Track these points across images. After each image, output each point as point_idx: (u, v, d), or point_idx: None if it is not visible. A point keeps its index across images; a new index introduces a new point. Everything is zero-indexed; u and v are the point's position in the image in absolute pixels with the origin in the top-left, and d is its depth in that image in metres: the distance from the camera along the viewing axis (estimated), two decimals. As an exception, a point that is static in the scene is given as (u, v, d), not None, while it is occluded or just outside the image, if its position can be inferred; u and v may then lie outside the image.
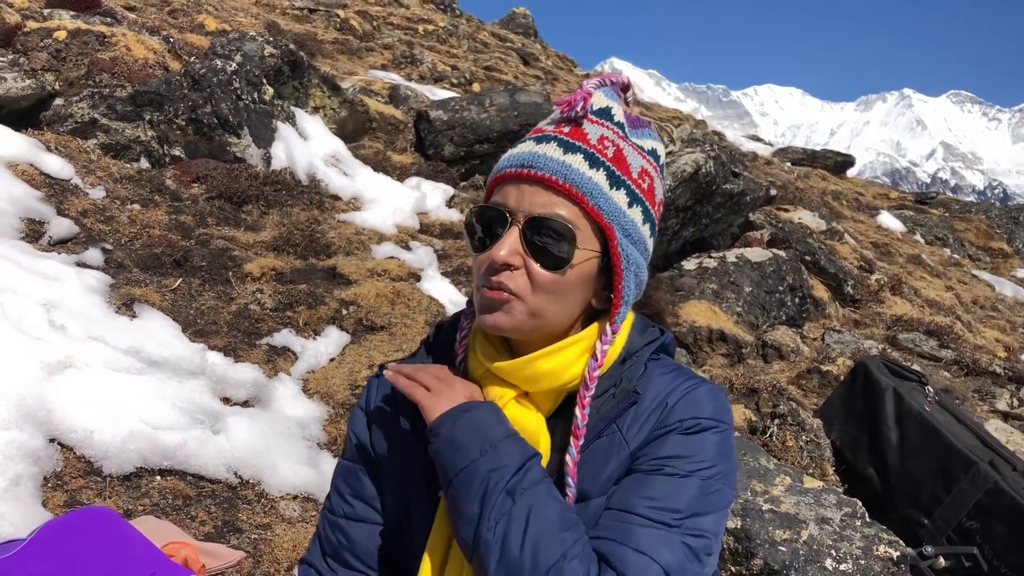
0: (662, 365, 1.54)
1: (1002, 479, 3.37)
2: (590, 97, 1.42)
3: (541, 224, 1.37)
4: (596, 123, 1.42)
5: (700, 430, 1.43)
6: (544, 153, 1.38)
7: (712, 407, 1.47)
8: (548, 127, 1.44)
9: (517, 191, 1.39)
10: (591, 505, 1.42)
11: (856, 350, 5.59)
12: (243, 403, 3.50)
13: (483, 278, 1.41)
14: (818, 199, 11.77)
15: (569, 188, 1.37)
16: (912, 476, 3.67)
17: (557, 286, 1.39)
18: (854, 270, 7.21)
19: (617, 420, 1.46)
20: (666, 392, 1.47)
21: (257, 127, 5.48)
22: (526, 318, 1.40)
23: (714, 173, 5.33)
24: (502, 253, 1.36)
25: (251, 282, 4.41)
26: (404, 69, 10.85)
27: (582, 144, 1.40)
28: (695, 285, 5.49)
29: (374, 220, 5.47)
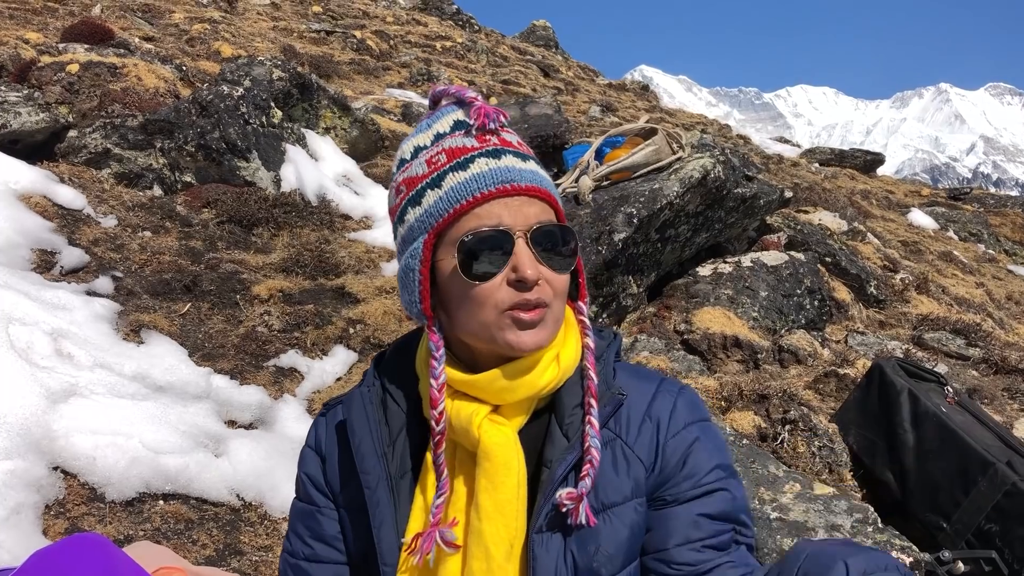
0: (626, 367, 1.59)
1: (1021, 480, 3.29)
2: (485, 105, 1.44)
3: (544, 232, 1.39)
4: (507, 131, 1.47)
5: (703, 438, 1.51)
6: (513, 166, 1.40)
7: (694, 411, 1.53)
8: (470, 142, 1.41)
9: (505, 208, 1.38)
10: (619, 511, 1.45)
11: (880, 351, 5.50)
12: (247, 425, 3.53)
13: (507, 303, 1.38)
14: (845, 199, 11.63)
15: (547, 193, 1.42)
16: (930, 479, 3.59)
17: (566, 286, 1.45)
18: (877, 270, 7.10)
19: (608, 423, 1.48)
20: (648, 398, 1.52)
21: (266, 150, 5.55)
22: (554, 326, 1.43)
23: (724, 177, 5.29)
24: (529, 272, 1.36)
25: (259, 304, 4.45)
26: (421, 86, 10.93)
27: (521, 150, 1.44)
28: (710, 291, 5.44)
29: (385, 238, 5.49)
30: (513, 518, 1.40)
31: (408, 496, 1.49)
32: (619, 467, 1.46)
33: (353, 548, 1.57)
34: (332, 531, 1.58)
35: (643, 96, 19.23)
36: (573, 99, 14.49)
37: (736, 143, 15.47)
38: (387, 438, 1.52)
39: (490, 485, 1.40)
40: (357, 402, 1.56)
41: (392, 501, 1.48)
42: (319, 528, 1.59)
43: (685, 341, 4.91)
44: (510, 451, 1.41)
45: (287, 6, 14.37)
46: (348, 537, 1.57)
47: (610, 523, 1.43)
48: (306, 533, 1.60)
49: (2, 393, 3.02)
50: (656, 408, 1.50)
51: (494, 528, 1.39)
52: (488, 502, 1.39)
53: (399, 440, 1.53)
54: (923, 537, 3.46)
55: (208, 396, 3.57)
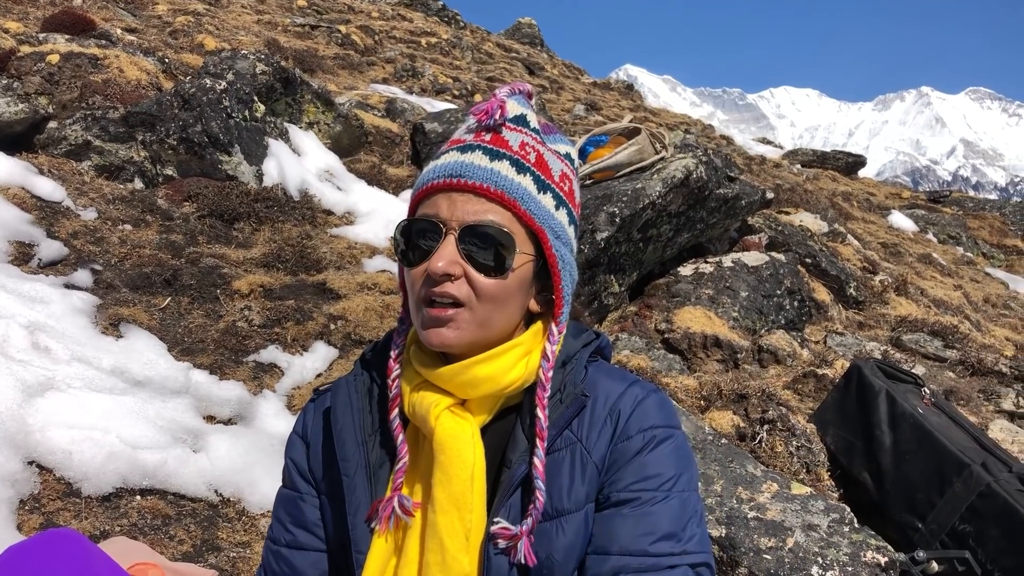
0: (601, 368, 1.57)
1: (995, 481, 3.32)
2: (505, 105, 1.44)
3: (477, 231, 1.38)
4: (515, 130, 1.45)
5: (657, 443, 1.45)
6: (471, 162, 1.40)
7: (662, 415, 1.49)
8: (467, 136, 1.45)
9: (448, 201, 1.40)
10: (571, 520, 1.42)
11: (858, 352, 5.54)
12: (227, 421, 3.51)
13: (422, 294, 1.41)
14: (826, 201, 11.70)
15: (500, 194, 1.39)
16: (906, 480, 3.62)
17: (501, 292, 1.41)
18: (857, 271, 7.15)
19: (570, 425, 1.47)
20: (615, 397, 1.49)
21: (248, 144, 5.51)
22: (475, 329, 1.41)
23: (706, 178, 5.31)
24: (440, 264, 1.36)
25: (240, 299, 4.42)
26: (405, 82, 10.90)
27: (506, 151, 1.42)
28: (691, 291, 5.46)
29: (367, 234, 5.48)
30: (468, 511, 1.40)
31: (386, 485, 1.49)
32: (576, 473, 1.44)
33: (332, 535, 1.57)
34: (313, 518, 1.59)
35: (627, 95, 19.26)
36: (558, 97, 14.50)
37: (719, 144, 15.53)
38: (369, 427, 1.53)
39: (444, 477, 1.40)
40: (343, 390, 1.58)
41: (369, 489, 1.48)
42: (300, 515, 1.59)
43: (666, 340, 4.92)
44: (464, 444, 1.41)
45: (272, 0, 14.29)
46: (327, 524, 1.58)
47: (562, 531, 1.42)
48: (288, 520, 1.61)
49: (-23, 386, 2.98)
50: (619, 406, 1.48)
51: (448, 520, 1.40)
52: (442, 494, 1.40)
53: (383, 428, 1.53)
54: (899, 537, 3.49)
55: (187, 391, 3.54)
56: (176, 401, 3.43)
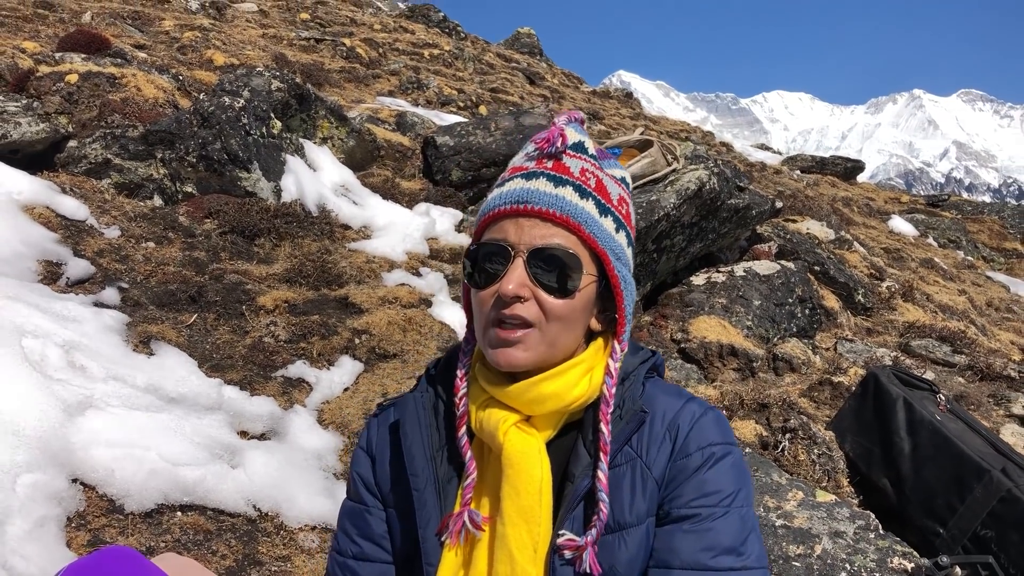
0: (658, 385, 1.62)
1: (1015, 486, 3.38)
2: (565, 133, 1.52)
3: (544, 254, 1.44)
4: (575, 157, 1.52)
5: (716, 460, 1.51)
6: (537, 188, 1.47)
7: (719, 432, 1.54)
8: (529, 164, 1.52)
9: (515, 226, 1.46)
10: (633, 533, 1.48)
11: (868, 359, 5.60)
12: (260, 436, 3.56)
13: (491, 316, 1.47)
14: (828, 207, 11.77)
15: (566, 219, 1.46)
16: (926, 486, 3.68)
17: (568, 312, 1.47)
18: (864, 278, 7.22)
19: (630, 441, 1.52)
20: (673, 414, 1.54)
21: (266, 161, 5.57)
22: (544, 349, 1.47)
23: (718, 189, 5.38)
24: (511, 286, 1.43)
25: (264, 315, 4.48)
26: (411, 95, 10.97)
27: (569, 177, 1.49)
28: (704, 300, 5.53)
29: (384, 248, 5.53)
30: (536, 524, 1.45)
31: (454, 500, 1.55)
32: (636, 488, 1.49)
33: (399, 547, 1.62)
34: (380, 530, 1.64)
35: (627, 103, 19.35)
36: (560, 106, 14.57)
37: (719, 151, 15.61)
38: (437, 443, 1.59)
39: (513, 491, 1.46)
40: (410, 406, 1.63)
41: (439, 503, 1.54)
42: (367, 527, 1.65)
43: (682, 350, 4.98)
44: (532, 459, 1.47)
45: (275, 13, 14.36)
46: (395, 537, 1.63)
47: (624, 544, 1.47)
48: (354, 531, 1.66)
49: (20, 405, 3.03)
50: (677, 423, 1.53)
51: (517, 533, 1.45)
52: (511, 508, 1.46)
53: (448, 445, 1.59)
54: (919, 543, 3.54)
55: (220, 407, 3.59)
56: (210, 417, 3.48)
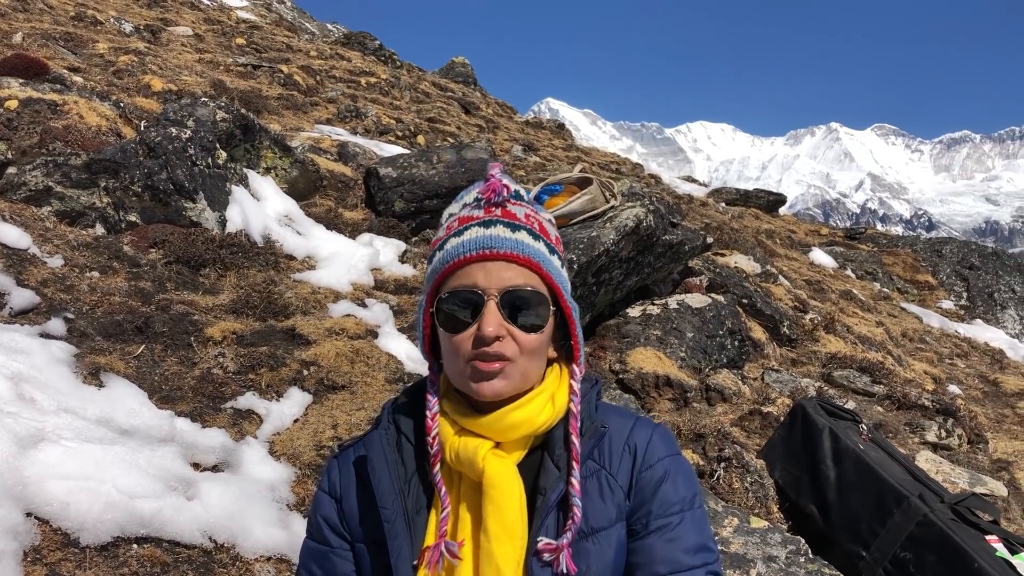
0: (606, 407, 1.81)
1: (931, 511, 3.62)
2: (508, 184, 1.69)
3: (516, 295, 1.60)
4: (517, 204, 1.69)
5: (674, 472, 1.71)
6: (497, 234, 1.61)
7: (670, 445, 1.75)
8: (477, 212, 1.66)
9: (483, 271, 1.60)
10: (604, 536, 1.64)
11: (794, 389, 5.87)
12: (213, 468, 3.59)
13: (471, 354, 1.60)
14: (752, 239, 12.18)
15: (528, 260, 1.62)
16: (851, 511, 3.90)
17: (538, 345, 1.63)
18: (789, 310, 7.54)
19: (592, 454, 1.69)
20: (627, 432, 1.73)
21: (212, 191, 5.60)
22: (519, 378, 1.61)
23: (654, 226, 5.60)
24: (491, 329, 1.56)
25: (212, 346, 4.50)
26: (349, 123, 11.03)
27: (520, 223, 1.65)
28: (640, 332, 5.72)
29: (329, 278, 5.60)
30: (519, 538, 1.59)
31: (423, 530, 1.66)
32: (604, 495, 1.67)
33: None
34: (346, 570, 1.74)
35: (559, 134, 19.71)
36: (495, 136, 14.79)
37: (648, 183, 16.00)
38: (403, 477, 1.70)
39: (496, 510, 1.59)
40: (377, 444, 1.73)
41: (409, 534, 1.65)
42: (333, 568, 1.75)
43: (620, 380, 5.16)
44: (512, 480, 1.61)
45: (210, 37, 14.27)
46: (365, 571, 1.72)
47: (598, 545, 1.63)
48: (319, 572, 1.76)
49: (-27, 440, 3.02)
50: (634, 440, 1.72)
51: (503, 549, 1.57)
52: (496, 525, 1.58)
53: (414, 477, 1.71)
54: (845, 566, 3.76)
55: (173, 439, 3.61)
56: (164, 449, 3.50)
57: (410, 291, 5.94)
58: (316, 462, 3.80)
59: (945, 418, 5.83)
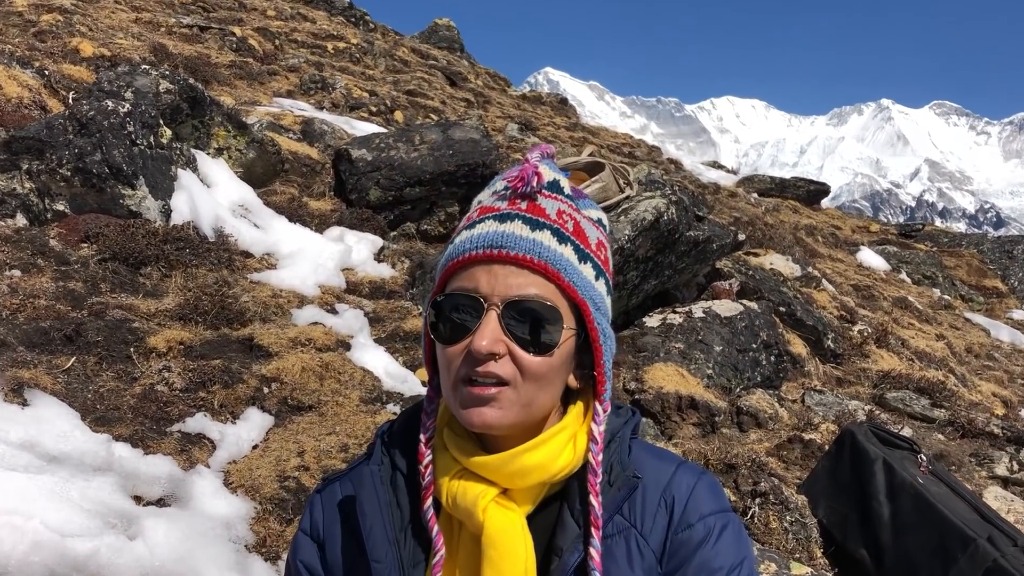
0: (643, 447, 1.74)
1: (1001, 556, 3.67)
2: (540, 171, 1.61)
3: (522, 307, 1.52)
4: (550, 197, 1.62)
5: (719, 532, 1.63)
6: (512, 232, 1.55)
7: (716, 500, 1.68)
8: (501, 204, 1.61)
9: (488, 274, 1.54)
10: None
11: (840, 413, 5.92)
12: (158, 501, 3.62)
13: (462, 373, 1.54)
14: (790, 236, 12.26)
15: (544, 266, 1.54)
16: (907, 556, 3.95)
17: (547, 371, 1.55)
18: (834, 321, 7.60)
19: (622, 509, 1.63)
20: (665, 481, 1.67)
21: (154, 175, 5.63)
22: (519, 409, 1.54)
23: (676, 220, 5.65)
24: (484, 343, 1.50)
25: (156, 358, 4.53)
26: (314, 96, 11.08)
27: (546, 220, 1.58)
28: (659, 344, 5.77)
29: (293, 280, 5.63)
30: None
31: None
32: (633, 559, 1.61)
33: None
34: None
35: (561, 111, 19.80)
36: (486, 113, 14.86)
37: (667, 169, 16.09)
38: (399, 522, 1.66)
39: (495, 574, 1.55)
40: (367, 481, 1.69)
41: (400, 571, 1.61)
42: None
43: (636, 402, 5.20)
44: (516, 538, 1.56)
45: (149, -7, 14.31)
46: None
47: None
48: None
49: None
50: (672, 492, 1.65)
51: None
52: None
53: (413, 524, 1.66)
54: (900, 619, 3.80)
55: (110, 468, 3.64)
56: (100, 480, 3.53)
57: (388, 295, 5.98)
58: (279, 496, 3.83)
59: (1017, 448, 5.89)
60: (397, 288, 6.13)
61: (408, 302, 5.75)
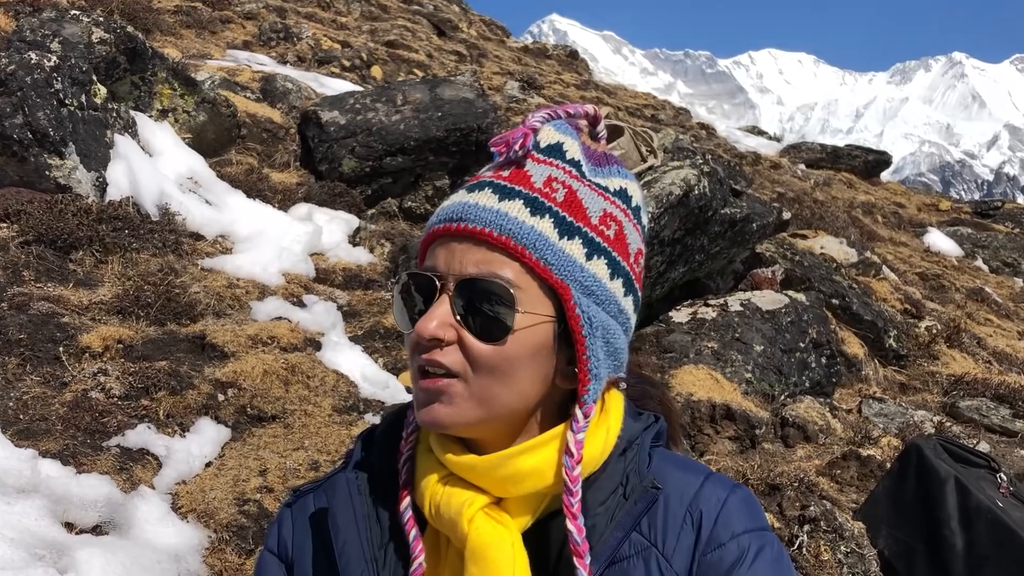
0: (666, 456, 1.73)
1: (1097, 593, 3.69)
2: (533, 133, 1.60)
3: (474, 286, 1.53)
4: (543, 163, 1.60)
5: (754, 554, 1.62)
6: (476, 202, 1.56)
7: (752, 517, 1.66)
8: (486, 172, 1.63)
9: (447, 251, 1.57)
10: None
11: (904, 425, 5.93)
12: (94, 529, 3.64)
13: (416, 365, 1.57)
14: (845, 215, 12.27)
15: (506, 240, 1.53)
16: (985, 593, 3.97)
17: (500, 361, 1.54)
18: (897, 315, 7.62)
19: (639, 525, 1.62)
20: (692, 494, 1.66)
21: (87, 142, 5.63)
22: (472, 405, 1.55)
23: (709, 195, 5.66)
24: (430, 326, 1.52)
25: (90, 360, 4.55)
26: (276, 48, 11.09)
27: (523, 188, 1.57)
28: (689, 344, 5.79)
29: (252, 267, 5.65)
30: None
31: None
32: None
33: None
34: None
35: (571, 66, 19.80)
36: (481, 68, 14.86)
37: (698, 135, 16.10)
38: (379, 538, 1.67)
39: None
40: (342, 492, 1.71)
41: None
42: None
43: (661, 411, 5.21)
44: (504, 555, 1.56)
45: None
46: None
47: None
48: None
49: None
50: (699, 506, 1.64)
51: None
52: None
53: (395, 541, 1.68)
54: (976, 667, 3.82)
55: (36, 489, 3.66)
56: (24, 503, 3.54)
57: (365, 285, 6.00)
58: (238, 522, 3.85)
59: (1115, 466, 5.91)
60: (376, 276, 6.15)
61: (389, 293, 5.76)
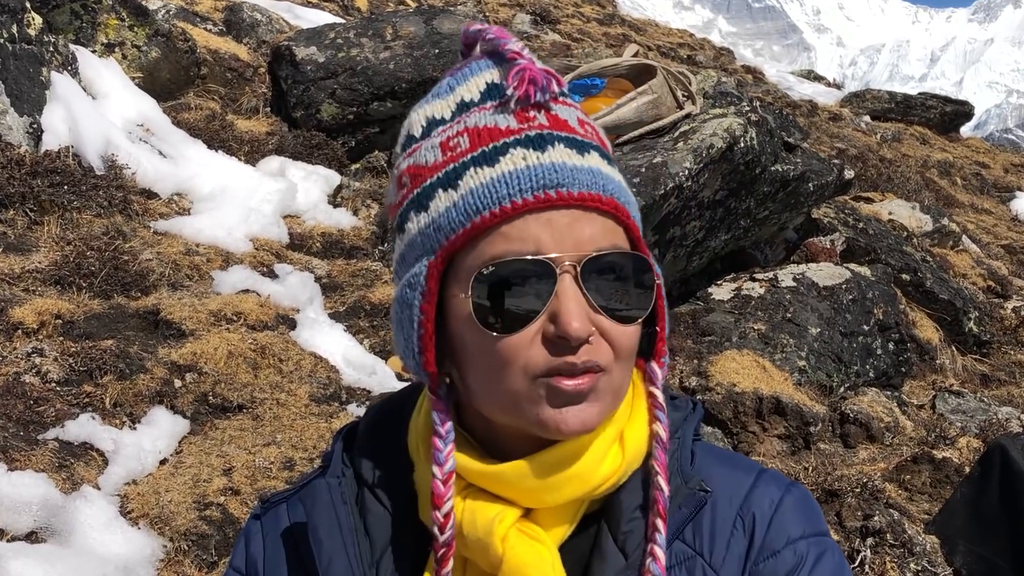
0: (709, 451, 1.73)
1: None
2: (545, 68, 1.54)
3: (606, 265, 1.50)
4: (563, 103, 1.57)
5: (814, 562, 1.63)
6: (564, 162, 1.49)
7: (810, 520, 1.68)
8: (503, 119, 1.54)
9: (546, 226, 1.49)
10: None
11: (986, 423, 5.92)
12: (27, 535, 3.66)
13: (544, 366, 1.50)
14: (917, 177, 12.22)
15: (612, 203, 1.52)
16: (1080, 618, 3.98)
17: (635, 342, 1.55)
18: (979, 294, 7.59)
19: (682, 533, 1.63)
20: (743, 495, 1.66)
21: (18, 81, 5.63)
22: (610, 399, 1.53)
23: (758, 148, 5.64)
24: (575, 325, 1.45)
25: (23, 338, 4.56)
26: (240, -28, 11.07)
27: (586, 139, 1.55)
28: (731, 325, 5.78)
29: (214, 230, 5.64)
30: None
31: None
32: None
33: None
34: None
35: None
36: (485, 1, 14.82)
37: (743, 80, 16.04)
38: (368, 554, 1.67)
39: None
40: (323, 501, 1.71)
41: None
42: None
43: (699, 404, 5.22)
44: (554, 572, 1.56)
45: None
46: None
47: None
48: None
49: None
50: (751, 508, 1.65)
51: None
52: None
53: (385, 557, 1.68)
54: None
55: (-39, 489, 3.68)
56: (-53, 505, 3.57)
57: (348, 253, 5.99)
58: (198, 530, 3.86)
59: None
60: (360, 243, 6.14)
61: (377, 263, 5.76)
